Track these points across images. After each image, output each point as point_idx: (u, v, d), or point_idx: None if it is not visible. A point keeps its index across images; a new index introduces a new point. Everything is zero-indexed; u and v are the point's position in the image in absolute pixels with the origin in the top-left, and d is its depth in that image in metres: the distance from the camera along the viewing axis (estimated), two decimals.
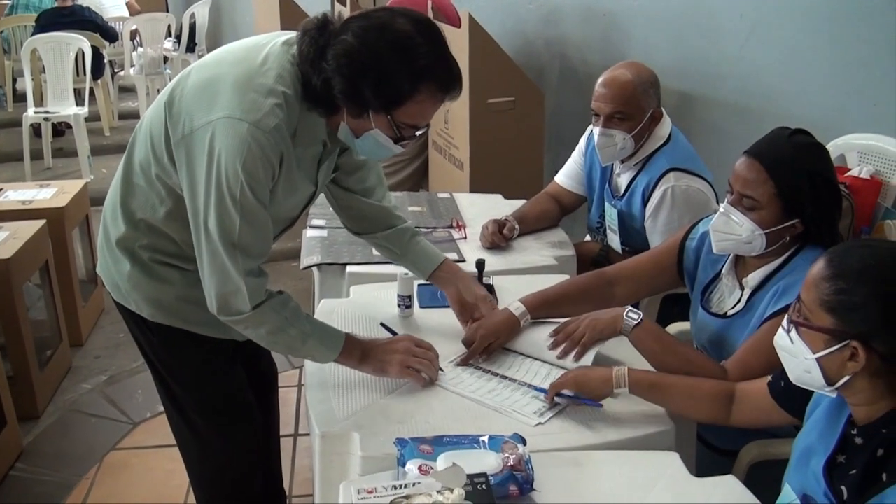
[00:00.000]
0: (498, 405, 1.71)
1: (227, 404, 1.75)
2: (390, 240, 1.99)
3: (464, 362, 1.86)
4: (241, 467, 1.96)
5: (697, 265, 2.00)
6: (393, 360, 1.71)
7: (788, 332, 1.39)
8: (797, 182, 1.72)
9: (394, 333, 1.82)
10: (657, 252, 2.10)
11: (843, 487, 1.32)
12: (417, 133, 1.64)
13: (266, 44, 1.63)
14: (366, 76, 1.51)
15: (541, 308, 1.95)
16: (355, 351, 1.71)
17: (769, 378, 1.62)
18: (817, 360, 1.33)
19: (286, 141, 1.58)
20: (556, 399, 1.69)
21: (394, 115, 1.57)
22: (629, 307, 1.80)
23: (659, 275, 2.07)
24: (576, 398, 1.66)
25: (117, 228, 1.75)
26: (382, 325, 1.84)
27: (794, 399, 1.55)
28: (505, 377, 1.81)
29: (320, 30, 1.55)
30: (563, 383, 1.70)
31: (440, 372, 1.78)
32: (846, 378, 1.32)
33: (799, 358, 1.37)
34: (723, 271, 1.92)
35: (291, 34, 1.64)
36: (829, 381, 1.34)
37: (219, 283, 1.60)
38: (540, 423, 1.65)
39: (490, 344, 1.87)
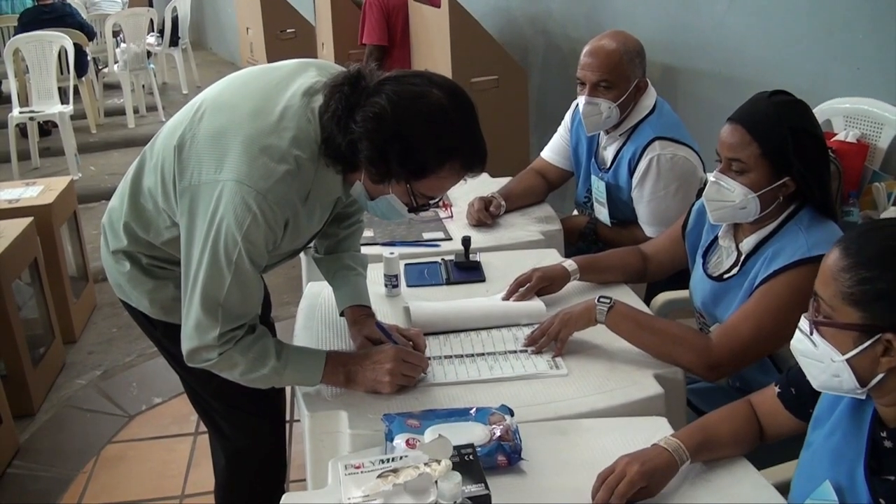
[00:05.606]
0: (512, 374, 1.72)
1: (238, 391, 1.75)
2: (323, 263, 1.98)
3: (520, 297, 1.99)
4: (263, 449, 2.00)
5: (700, 228, 2.02)
6: (384, 380, 1.65)
7: (809, 335, 1.26)
8: (780, 139, 1.72)
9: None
10: (674, 226, 2.14)
11: (881, 500, 1.20)
12: (431, 203, 1.62)
13: (285, 89, 1.58)
14: (394, 144, 1.48)
15: (588, 270, 2.10)
16: (339, 373, 1.68)
17: (777, 388, 1.49)
18: (847, 361, 1.20)
19: (294, 208, 1.56)
20: None
21: (413, 186, 1.54)
22: (600, 295, 1.82)
23: (678, 249, 2.11)
24: None
25: (118, 241, 1.76)
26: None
27: (807, 405, 1.42)
28: (492, 353, 1.81)
29: (353, 86, 1.50)
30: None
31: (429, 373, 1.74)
32: (879, 376, 1.19)
33: (825, 362, 1.24)
34: (719, 234, 1.93)
35: (312, 78, 1.59)
36: (862, 383, 1.21)
37: (192, 336, 1.59)
38: (566, 373, 1.73)
39: (541, 288, 2.01)
